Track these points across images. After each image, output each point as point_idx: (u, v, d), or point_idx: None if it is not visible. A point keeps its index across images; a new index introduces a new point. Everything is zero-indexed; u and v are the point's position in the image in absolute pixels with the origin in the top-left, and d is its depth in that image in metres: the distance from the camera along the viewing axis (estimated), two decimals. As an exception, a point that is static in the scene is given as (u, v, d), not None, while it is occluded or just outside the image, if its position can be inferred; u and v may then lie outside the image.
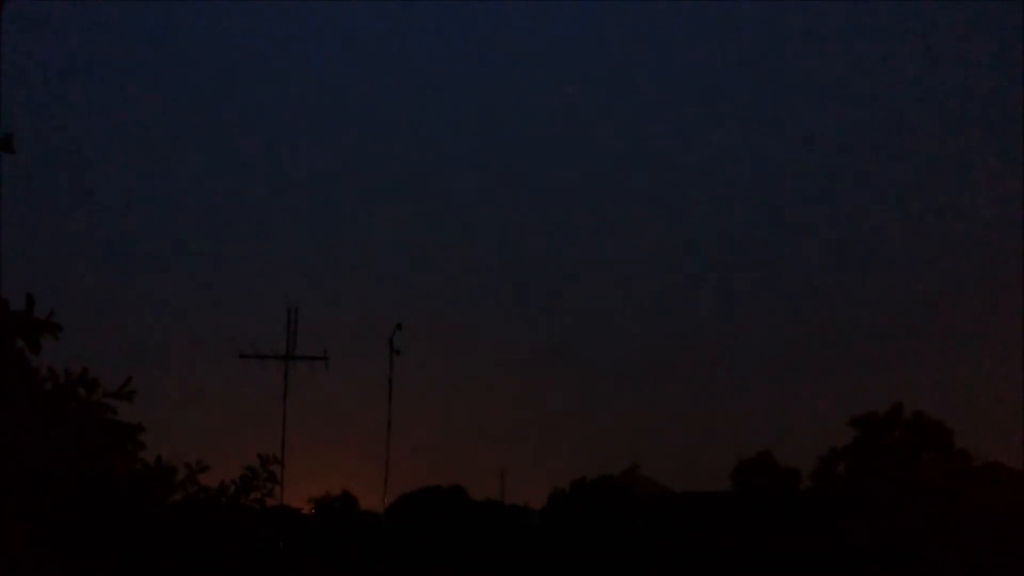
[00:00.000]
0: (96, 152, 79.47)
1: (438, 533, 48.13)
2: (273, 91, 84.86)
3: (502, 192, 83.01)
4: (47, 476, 9.28)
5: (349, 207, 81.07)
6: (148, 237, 75.86)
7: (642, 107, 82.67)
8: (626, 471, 53.54)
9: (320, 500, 51.35)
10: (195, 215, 78.60)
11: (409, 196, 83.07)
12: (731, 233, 79.22)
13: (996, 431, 49.07)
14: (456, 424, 66.69)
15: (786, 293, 74.74)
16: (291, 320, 44.54)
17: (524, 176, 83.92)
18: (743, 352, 71.57)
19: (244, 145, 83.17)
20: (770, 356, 69.87)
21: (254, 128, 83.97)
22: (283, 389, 43.61)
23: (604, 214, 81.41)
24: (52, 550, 8.96)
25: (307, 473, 50.99)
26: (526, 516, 51.09)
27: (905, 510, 42.87)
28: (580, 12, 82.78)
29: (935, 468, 44.03)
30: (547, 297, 77.75)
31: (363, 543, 47.18)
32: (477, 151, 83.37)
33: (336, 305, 70.24)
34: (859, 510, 43.50)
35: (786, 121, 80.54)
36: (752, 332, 72.73)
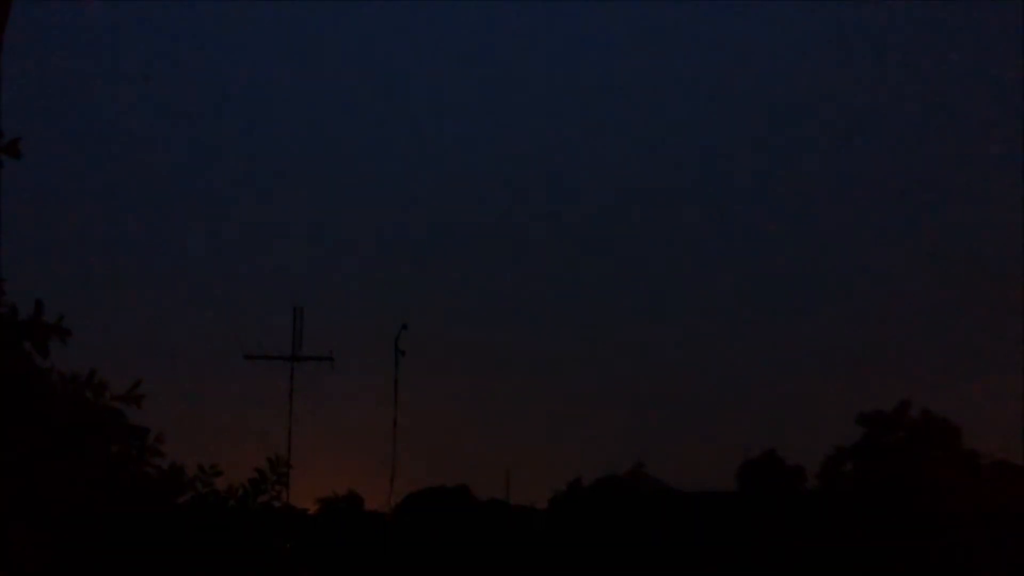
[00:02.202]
0: (97, 152, 79.28)
1: (443, 533, 48.06)
2: (276, 90, 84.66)
3: (505, 191, 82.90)
4: (56, 478, 9.18)
5: (355, 206, 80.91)
6: (151, 236, 75.71)
7: (646, 108, 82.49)
8: (630, 470, 53.37)
9: (326, 500, 51.27)
10: (198, 214, 78.43)
11: (414, 196, 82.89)
12: (736, 230, 79.08)
13: (1005, 429, 48.98)
14: (461, 424, 66.54)
15: (792, 290, 74.56)
16: (297, 320, 44.59)
17: (528, 175, 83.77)
18: (748, 349, 71.41)
19: (247, 144, 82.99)
20: (776, 353, 69.69)
21: (258, 124, 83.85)
22: (289, 389, 43.66)
23: (606, 212, 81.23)
24: (60, 552, 8.86)
25: (312, 473, 50.90)
26: (531, 516, 50.98)
27: (912, 509, 42.73)
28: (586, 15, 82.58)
29: (943, 467, 43.88)
30: (551, 295, 77.65)
31: (368, 543, 47.11)
32: (484, 149, 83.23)
33: (342, 306, 70.09)
34: (865, 509, 43.39)
35: (792, 120, 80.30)
36: (757, 329, 72.59)
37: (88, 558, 9.82)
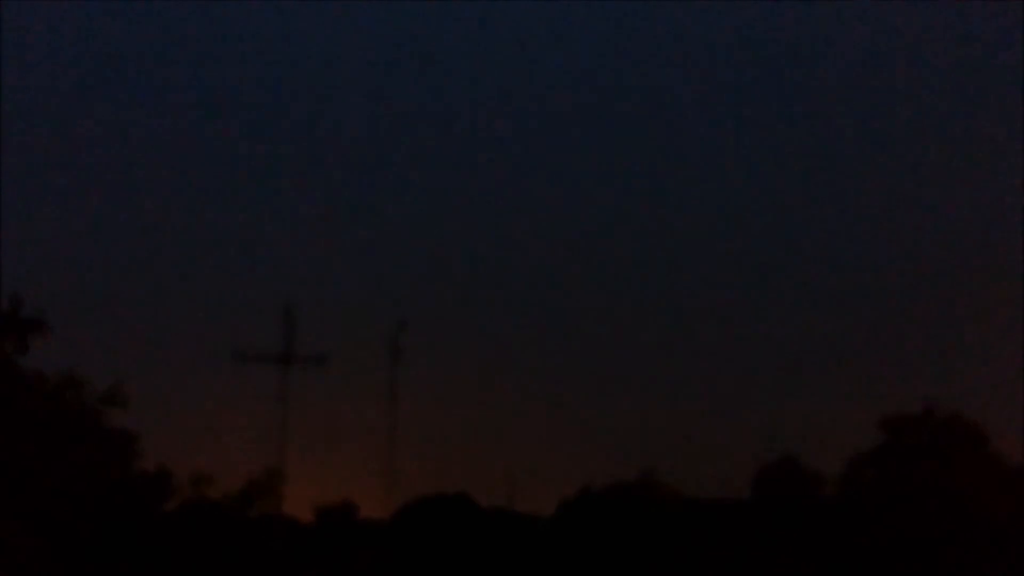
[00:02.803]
0: (93, 150, 78.36)
1: (442, 542, 46.93)
2: (272, 87, 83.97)
3: (509, 190, 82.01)
4: (39, 481, 8.27)
5: (351, 201, 79.95)
6: (143, 233, 74.82)
7: (653, 102, 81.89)
8: (641, 477, 52.04)
9: (321, 509, 49.90)
10: (192, 209, 77.41)
11: (415, 192, 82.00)
12: (753, 232, 78.27)
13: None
14: (462, 429, 65.06)
15: (812, 292, 73.70)
16: (288, 319, 43.00)
17: (532, 174, 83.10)
18: (766, 352, 70.35)
19: (243, 139, 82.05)
20: (794, 356, 68.63)
21: (253, 123, 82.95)
22: (281, 392, 41.97)
23: (615, 212, 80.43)
24: (46, 553, 7.98)
25: (305, 480, 49.41)
26: (535, 525, 49.71)
27: (936, 517, 41.61)
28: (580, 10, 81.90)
29: (968, 471, 42.61)
30: (559, 298, 76.63)
31: (365, 553, 45.89)
32: (484, 148, 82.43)
33: (336, 303, 68.75)
34: (887, 518, 42.25)
35: (804, 116, 79.88)
36: (776, 332, 71.60)
37: (74, 559, 8.54)
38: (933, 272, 70.36)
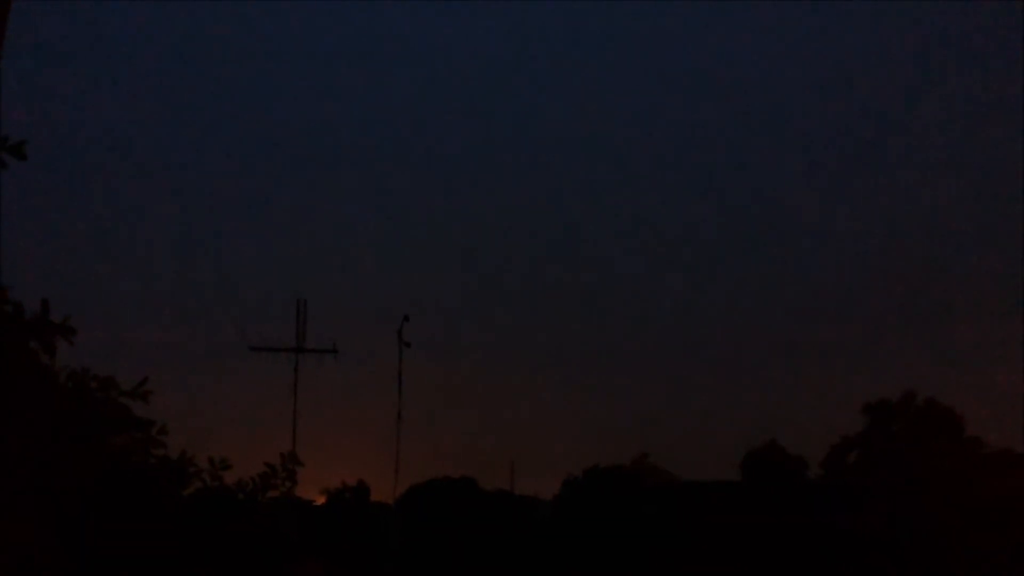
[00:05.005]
0: (101, 147, 79.46)
1: (449, 524, 48.23)
2: (279, 83, 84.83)
3: (510, 182, 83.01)
4: (62, 471, 9.29)
5: (358, 198, 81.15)
6: (154, 228, 75.97)
7: (649, 99, 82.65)
8: (634, 460, 53.46)
9: (333, 491, 51.46)
10: (202, 207, 78.69)
11: (418, 187, 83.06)
12: (740, 220, 79.19)
13: (1007, 417, 48.99)
14: (466, 415, 66.67)
15: (797, 279, 74.66)
16: (300, 312, 44.65)
17: (532, 166, 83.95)
18: (753, 340, 71.51)
19: (251, 136, 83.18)
20: (780, 343, 69.78)
21: (261, 118, 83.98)
22: (293, 381, 43.74)
23: (611, 203, 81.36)
24: (66, 541, 8.97)
25: (317, 465, 51.04)
26: (536, 506, 51.12)
27: (916, 499, 42.64)
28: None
29: (946, 456, 43.81)
30: (556, 287, 77.75)
31: (374, 534, 47.29)
32: (486, 143, 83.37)
33: (345, 297, 70.29)
34: (869, 499, 43.30)
35: (792, 110, 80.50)
36: (762, 319, 72.69)
37: (96, 547, 9.88)
38: (915, 262, 71.18)
